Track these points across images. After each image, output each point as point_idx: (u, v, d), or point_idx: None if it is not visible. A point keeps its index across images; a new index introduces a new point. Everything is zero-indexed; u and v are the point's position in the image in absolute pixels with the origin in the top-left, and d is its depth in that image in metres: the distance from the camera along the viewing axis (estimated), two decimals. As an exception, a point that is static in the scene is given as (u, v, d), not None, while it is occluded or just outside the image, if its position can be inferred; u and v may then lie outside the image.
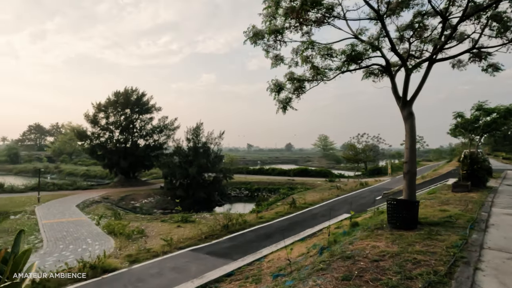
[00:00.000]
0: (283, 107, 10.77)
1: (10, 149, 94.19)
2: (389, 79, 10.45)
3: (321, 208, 23.53)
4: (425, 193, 19.82)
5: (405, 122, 8.99)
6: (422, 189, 24.80)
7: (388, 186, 34.54)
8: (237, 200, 41.87)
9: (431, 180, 33.68)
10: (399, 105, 9.66)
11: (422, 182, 32.19)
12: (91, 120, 40.19)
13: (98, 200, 31.08)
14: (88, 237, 16.17)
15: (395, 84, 10.27)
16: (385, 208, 10.81)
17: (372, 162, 60.09)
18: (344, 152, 63.42)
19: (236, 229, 17.23)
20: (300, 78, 10.44)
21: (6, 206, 26.54)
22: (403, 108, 9.40)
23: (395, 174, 48.70)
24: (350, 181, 42.49)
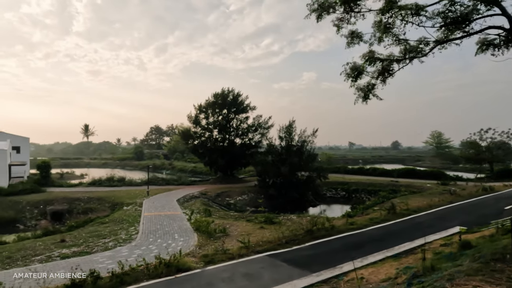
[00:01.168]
0: (364, 96, 8.97)
1: (137, 148, 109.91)
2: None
3: (427, 217, 20.05)
4: None
5: None
6: None
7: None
8: (333, 201, 39.63)
9: None
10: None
11: None
12: (193, 121, 43.32)
13: (197, 196, 33.04)
14: (177, 232, 16.86)
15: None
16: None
17: (501, 163, 49.88)
18: (462, 151, 54.28)
19: (321, 235, 15.74)
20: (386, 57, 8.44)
21: (122, 198, 30.34)
22: None
23: (533, 177, 39.29)
24: (470, 185, 35.89)
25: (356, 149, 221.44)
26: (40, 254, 13.50)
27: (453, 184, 37.37)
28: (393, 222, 18.80)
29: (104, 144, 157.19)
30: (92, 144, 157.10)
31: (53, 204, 29.82)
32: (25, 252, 13.66)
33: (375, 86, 8.93)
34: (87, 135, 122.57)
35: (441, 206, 23.51)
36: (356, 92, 9.11)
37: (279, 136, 37.67)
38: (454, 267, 6.13)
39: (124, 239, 15.76)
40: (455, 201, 25.38)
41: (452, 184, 37.48)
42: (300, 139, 37.45)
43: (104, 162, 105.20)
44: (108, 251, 13.56)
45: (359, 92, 9.06)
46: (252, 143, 43.55)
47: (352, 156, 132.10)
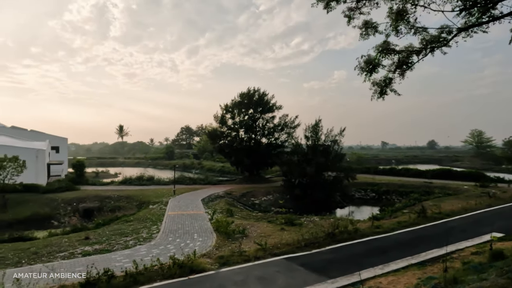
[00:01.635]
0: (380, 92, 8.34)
1: (168, 148, 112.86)
2: None
3: (461, 221, 18.74)
4: None
5: None
6: None
7: None
8: (362, 203, 38.35)
9: None
10: None
11: None
12: (220, 121, 43.57)
13: (222, 195, 33.12)
14: (196, 232, 16.87)
15: None
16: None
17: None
18: (504, 151, 50.70)
19: (343, 239, 15.11)
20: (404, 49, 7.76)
21: (149, 196, 31.02)
22: None
23: None
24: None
25: (389, 149, 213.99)
26: (64, 250, 13.95)
27: (493, 186, 34.90)
28: (423, 226, 17.73)
29: (138, 144, 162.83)
30: (127, 144, 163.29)
31: (85, 201, 31.08)
32: (51, 249, 14.18)
33: (393, 80, 8.28)
34: (122, 135, 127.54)
35: (478, 209, 21.94)
36: (372, 87, 8.50)
37: (305, 135, 36.98)
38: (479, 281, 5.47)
39: (145, 238, 15.97)
40: (494, 204, 23.61)
41: (492, 186, 35.02)
42: (327, 139, 36.52)
43: (137, 161, 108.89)
44: (128, 250, 13.76)
45: (375, 87, 8.44)
46: (278, 143, 43.11)
47: (384, 156, 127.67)
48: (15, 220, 26.36)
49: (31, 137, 52.33)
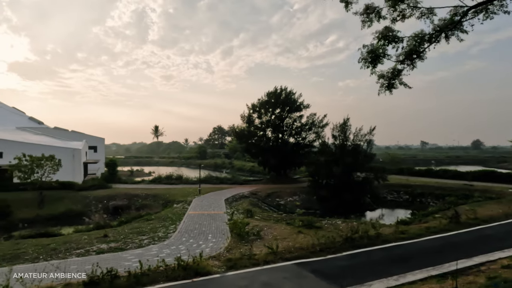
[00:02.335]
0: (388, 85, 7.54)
1: (200, 147, 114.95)
2: None
3: (500, 228, 17.05)
4: None
5: None
6: None
7: None
8: (394, 205, 36.48)
9: None
10: None
11: None
12: (246, 120, 43.43)
13: (247, 195, 32.89)
14: (212, 233, 16.68)
15: None
16: None
17: None
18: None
19: (363, 244, 14.21)
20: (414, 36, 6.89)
21: (175, 195, 31.48)
22: None
23: None
24: None
25: (429, 149, 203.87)
26: (81, 247, 14.30)
27: (544, 190, 31.76)
28: (454, 233, 16.30)
29: (173, 144, 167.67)
30: (163, 144, 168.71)
31: (115, 199, 32.17)
32: (69, 245, 14.60)
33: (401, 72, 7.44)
34: (157, 135, 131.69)
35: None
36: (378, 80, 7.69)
37: (332, 134, 35.81)
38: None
39: (160, 237, 16.03)
40: (542, 210, 21.31)
41: (542, 190, 31.89)
42: (355, 138, 35.12)
43: (171, 160, 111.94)
44: (140, 249, 13.83)
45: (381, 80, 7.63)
46: (305, 143, 42.20)
47: (423, 157, 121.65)
48: (50, 216, 27.83)
49: (72, 138, 55.28)
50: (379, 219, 28.88)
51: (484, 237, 15.26)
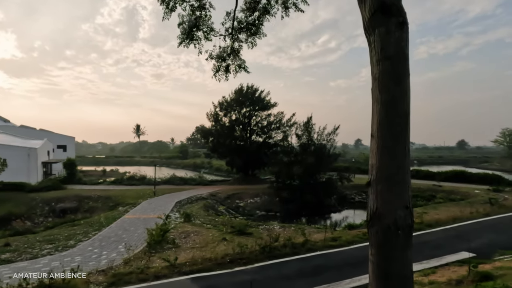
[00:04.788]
0: (225, 69, 6.26)
1: (182, 147, 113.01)
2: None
3: (441, 234, 15.91)
4: None
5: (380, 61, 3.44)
6: None
7: None
8: (362, 207, 35.32)
9: None
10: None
11: None
12: (213, 119, 41.96)
13: (205, 197, 31.45)
14: (128, 241, 15.19)
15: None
16: None
17: None
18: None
19: (282, 254, 12.89)
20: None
21: (128, 198, 29.88)
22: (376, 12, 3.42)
23: None
24: (532, 193, 29.35)
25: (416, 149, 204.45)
26: (-33, 259, 12.70)
27: (508, 191, 30.96)
28: (391, 239, 15.08)
29: (157, 143, 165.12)
30: (147, 143, 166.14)
31: (64, 201, 30.39)
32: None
33: (238, 52, 6.15)
34: (139, 134, 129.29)
35: (471, 219, 18.84)
36: (210, 61, 6.37)
37: (296, 134, 34.57)
38: None
39: (67, 246, 14.52)
40: (494, 213, 20.33)
41: (507, 191, 31.10)
42: (320, 138, 33.92)
43: (152, 160, 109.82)
44: (27, 261, 12.30)
45: (213, 61, 6.31)
46: (273, 142, 40.87)
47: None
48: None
49: (38, 136, 53.21)
50: (344, 221, 27.65)
51: (420, 245, 14.04)
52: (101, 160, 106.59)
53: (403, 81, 3.29)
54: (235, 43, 6.18)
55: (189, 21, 5.76)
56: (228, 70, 6.43)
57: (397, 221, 3.23)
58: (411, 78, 3.33)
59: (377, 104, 3.26)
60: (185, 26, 5.82)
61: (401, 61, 3.28)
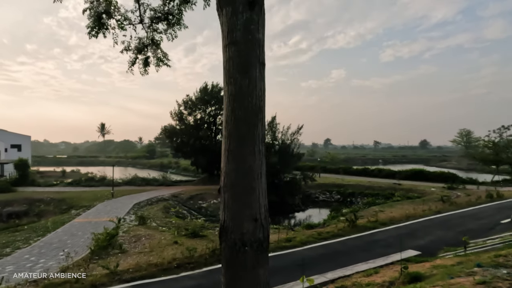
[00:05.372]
0: (144, 62, 5.88)
1: (149, 146, 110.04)
2: None
3: (393, 232, 16.22)
4: None
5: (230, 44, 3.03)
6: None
7: (537, 202, 22.91)
8: (326, 205, 35.76)
9: None
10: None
11: None
12: (178, 118, 40.93)
13: (166, 198, 30.55)
14: (74, 247, 14.25)
15: None
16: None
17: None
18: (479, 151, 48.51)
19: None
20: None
21: (84, 199, 28.40)
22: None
23: (561, 182, 33.41)
24: (481, 189, 30.91)
25: (382, 149, 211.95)
26: None
27: (461, 189, 32.49)
28: (348, 237, 15.20)
29: (124, 142, 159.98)
30: (114, 142, 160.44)
31: (12, 205, 28.41)
32: None
33: (159, 44, 5.77)
34: (103, 133, 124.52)
35: (423, 217, 19.44)
36: (126, 53, 5.94)
37: (260, 133, 34.36)
38: None
39: (5, 253, 13.41)
40: (445, 210, 21.11)
41: (461, 188, 32.62)
42: (284, 137, 33.98)
43: (117, 160, 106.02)
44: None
45: (129, 53, 5.89)
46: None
47: (373, 156, 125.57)
48: None
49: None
50: (305, 221, 27.72)
51: (371, 243, 14.22)
52: (62, 160, 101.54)
53: (252, 71, 2.88)
54: (154, 34, 5.73)
55: (96, 6, 5.24)
56: (147, 64, 5.97)
57: (243, 235, 2.84)
58: (380, 80, 2.99)
59: (225, 98, 2.92)
60: (93, 12, 5.29)
61: (250, 48, 2.86)
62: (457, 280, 4.70)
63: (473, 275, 4.78)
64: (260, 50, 2.95)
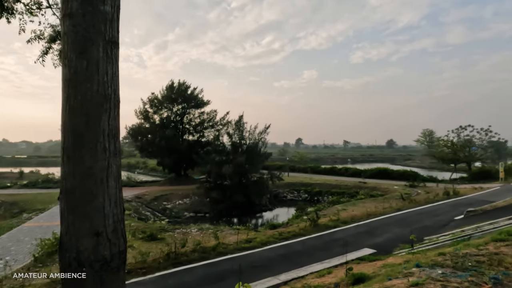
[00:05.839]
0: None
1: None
2: None
3: (353, 230, 16.38)
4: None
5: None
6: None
7: (488, 197, 24.03)
8: (294, 205, 35.90)
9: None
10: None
11: None
12: (143, 116, 39.68)
13: (129, 200, 29.39)
14: (17, 254, 13.22)
15: None
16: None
17: (482, 162, 46.10)
18: (429, 150, 50.85)
19: (190, 259, 12.09)
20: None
21: (37, 202, 26.74)
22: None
23: (511, 179, 35.48)
24: (440, 187, 32.14)
25: (351, 148, 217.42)
26: None
27: (422, 186, 33.68)
28: (304, 238, 15.13)
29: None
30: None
31: (-45, 209, 26.28)
32: None
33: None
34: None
35: (384, 214, 19.82)
36: (38, 42, 5.47)
37: (227, 132, 34.01)
38: None
39: None
40: (405, 208, 21.68)
41: (421, 186, 33.80)
42: (251, 136, 33.75)
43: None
44: None
45: (42, 43, 5.42)
46: (206, 141, 39.78)
47: (342, 155, 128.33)
48: None
49: None
50: (272, 220, 27.56)
51: (328, 243, 14.24)
52: (21, 161, 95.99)
53: (92, 50, 2.41)
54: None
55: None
56: (46, 52, 5.45)
57: (80, 253, 2.37)
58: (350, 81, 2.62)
59: (62, 83, 2.47)
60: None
61: (89, 22, 2.38)
62: (393, 282, 4.60)
63: (410, 276, 4.70)
64: (107, 25, 2.48)
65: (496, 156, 70.82)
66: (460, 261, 5.02)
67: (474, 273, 4.41)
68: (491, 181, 35.73)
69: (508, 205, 19.04)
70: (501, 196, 23.96)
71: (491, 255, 5.34)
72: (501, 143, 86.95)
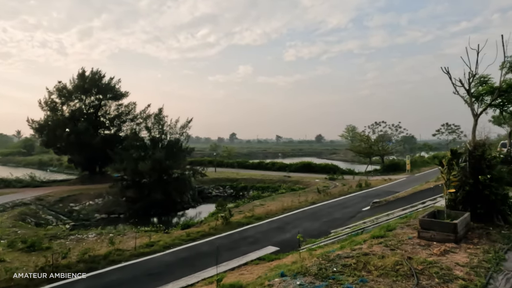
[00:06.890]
0: None
1: (26, 141, 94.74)
2: None
3: (265, 227, 16.07)
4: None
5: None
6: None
7: (394, 188, 25.93)
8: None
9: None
10: None
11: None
12: (50, 108, 35.23)
13: (27, 202, 25.77)
14: None
15: None
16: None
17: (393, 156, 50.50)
18: (352, 145, 54.51)
19: (72, 272, 10.44)
20: None
21: None
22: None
23: (416, 171, 39.20)
24: (356, 179, 34.03)
25: (283, 143, 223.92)
26: None
27: (340, 179, 35.38)
28: (212, 238, 14.36)
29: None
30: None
31: None
32: None
33: None
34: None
35: (299, 208, 20.01)
36: None
37: (145, 126, 31.79)
38: None
39: None
40: (320, 201, 22.25)
41: (340, 179, 35.49)
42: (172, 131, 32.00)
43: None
44: None
45: None
46: (122, 135, 36.79)
47: (273, 150, 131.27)
48: None
49: None
50: (196, 218, 26.27)
51: (237, 241, 13.64)
52: None
53: None
54: None
55: None
56: None
57: None
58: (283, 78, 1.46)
59: None
60: None
61: None
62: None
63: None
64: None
65: (405, 150, 78.29)
66: (325, 267, 4.62)
67: (331, 282, 4.01)
68: (400, 172, 39.05)
69: (408, 195, 20.51)
70: (404, 187, 26.00)
71: (360, 256, 5.06)
72: (410, 138, 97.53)
